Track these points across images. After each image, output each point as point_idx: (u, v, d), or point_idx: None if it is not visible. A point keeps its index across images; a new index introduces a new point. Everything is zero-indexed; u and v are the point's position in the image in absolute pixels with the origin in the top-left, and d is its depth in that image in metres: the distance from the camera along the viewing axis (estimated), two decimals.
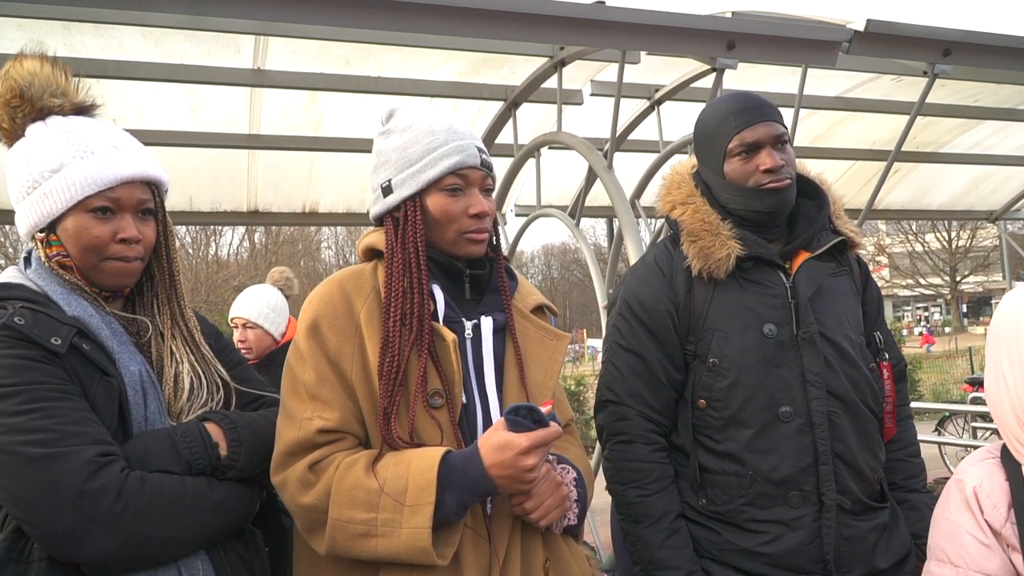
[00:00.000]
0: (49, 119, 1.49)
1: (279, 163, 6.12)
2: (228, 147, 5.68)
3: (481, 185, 1.59)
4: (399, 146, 1.60)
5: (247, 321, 3.71)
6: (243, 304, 3.78)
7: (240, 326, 3.72)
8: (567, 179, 6.83)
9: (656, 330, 1.92)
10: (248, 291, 3.91)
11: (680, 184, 1.99)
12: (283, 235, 26.82)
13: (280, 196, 6.55)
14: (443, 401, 1.49)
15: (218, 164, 5.96)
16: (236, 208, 6.53)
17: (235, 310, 3.77)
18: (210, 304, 21.82)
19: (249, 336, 3.69)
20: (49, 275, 1.46)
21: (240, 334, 3.70)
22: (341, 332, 1.50)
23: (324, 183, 6.50)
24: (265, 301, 3.80)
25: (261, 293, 3.86)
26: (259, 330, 3.71)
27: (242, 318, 3.72)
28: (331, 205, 6.81)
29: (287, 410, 1.50)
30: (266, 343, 3.71)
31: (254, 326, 3.71)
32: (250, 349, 3.67)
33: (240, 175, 6.16)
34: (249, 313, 3.73)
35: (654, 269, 1.97)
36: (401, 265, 1.53)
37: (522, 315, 1.66)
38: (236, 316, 3.74)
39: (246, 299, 3.81)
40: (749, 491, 1.83)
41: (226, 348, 1.70)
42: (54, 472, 1.25)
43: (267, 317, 3.74)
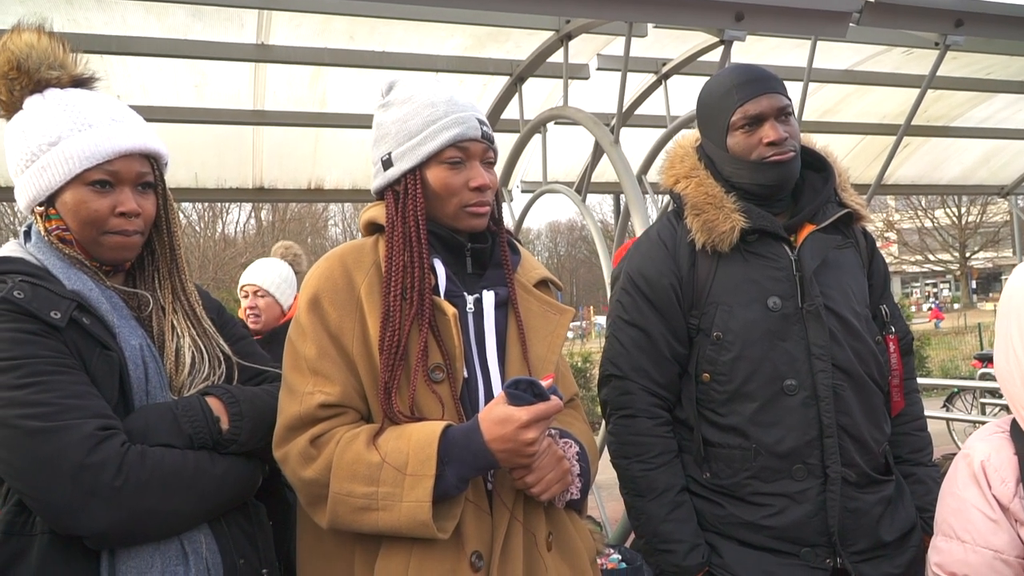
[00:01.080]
0: (47, 91, 1.48)
1: (284, 139, 6.10)
2: (233, 123, 5.66)
3: (482, 157, 1.58)
4: (399, 118, 1.58)
5: (259, 288, 3.71)
6: (255, 272, 3.77)
7: (251, 294, 3.71)
8: (573, 155, 6.78)
9: (660, 304, 1.91)
10: (260, 261, 3.91)
11: (683, 157, 1.98)
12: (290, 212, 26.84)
13: (285, 173, 6.53)
14: (444, 375, 1.48)
15: (223, 140, 5.94)
16: (242, 185, 6.52)
17: (247, 278, 3.76)
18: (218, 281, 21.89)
19: (260, 304, 3.69)
20: (49, 249, 1.46)
21: (251, 301, 3.69)
22: (342, 307, 1.49)
23: (329, 159, 6.47)
24: (277, 271, 3.80)
25: (273, 263, 3.86)
26: (270, 298, 3.71)
27: (254, 285, 3.72)
28: (337, 181, 6.79)
29: (288, 385, 1.49)
30: (275, 313, 3.71)
31: (265, 294, 3.70)
32: (259, 317, 3.67)
33: (245, 151, 6.14)
34: (261, 280, 3.73)
35: (657, 243, 1.95)
36: (402, 239, 1.52)
37: (525, 289, 1.64)
38: (248, 283, 3.73)
39: (258, 268, 3.81)
40: (753, 464, 1.82)
41: (228, 323, 1.69)
42: (54, 446, 1.26)
43: (278, 287, 3.74)
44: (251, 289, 3.73)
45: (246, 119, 5.64)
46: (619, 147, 4.64)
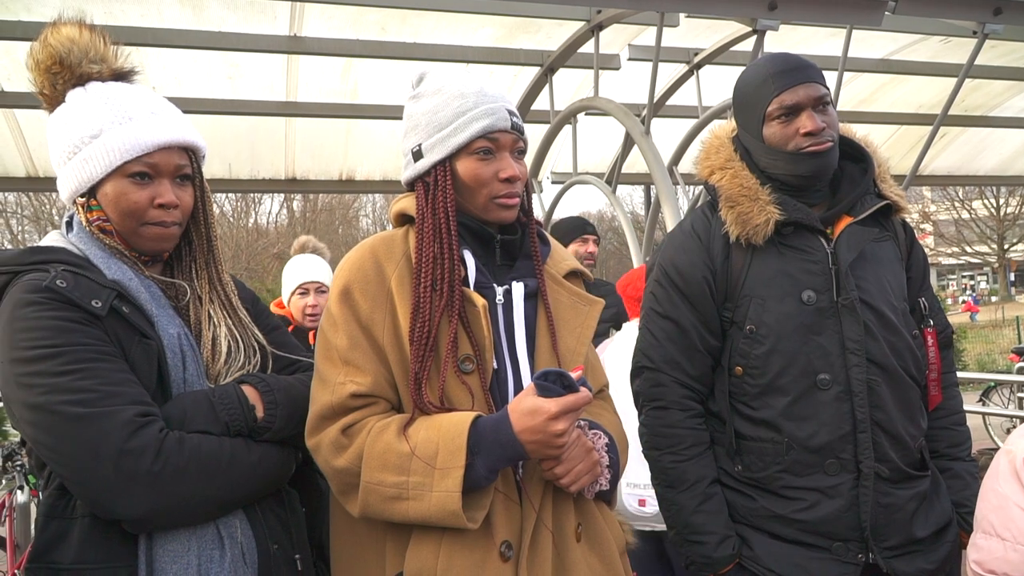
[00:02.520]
0: (88, 85, 1.50)
1: (316, 131, 6.15)
2: (266, 114, 5.71)
3: (512, 148, 1.57)
4: (429, 110, 1.58)
5: (321, 284, 3.67)
6: (311, 269, 3.72)
7: (312, 291, 3.66)
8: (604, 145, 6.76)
9: (693, 297, 1.90)
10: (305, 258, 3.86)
11: (719, 148, 1.96)
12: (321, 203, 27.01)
13: (317, 163, 6.59)
14: (474, 366, 1.49)
15: (256, 132, 6.00)
16: (274, 176, 6.58)
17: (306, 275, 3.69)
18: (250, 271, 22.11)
19: (320, 300, 3.65)
20: (90, 239, 1.49)
21: (313, 299, 3.65)
22: (372, 298, 1.50)
23: (361, 150, 6.51)
24: (324, 265, 3.79)
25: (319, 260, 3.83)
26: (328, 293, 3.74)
27: (316, 282, 3.67)
28: (368, 172, 6.83)
29: (320, 374, 1.51)
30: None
31: (326, 290, 3.67)
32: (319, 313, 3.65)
33: (278, 143, 6.20)
34: (323, 276, 3.69)
35: (691, 235, 1.94)
36: (431, 230, 1.53)
37: (554, 280, 1.64)
38: (309, 281, 3.67)
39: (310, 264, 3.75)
40: (785, 458, 1.81)
41: (262, 313, 1.72)
42: (95, 431, 1.28)
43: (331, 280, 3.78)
44: (313, 286, 3.68)
45: (279, 110, 5.70)
46: (650, 138, 4.62)
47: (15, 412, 1.34)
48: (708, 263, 1.89)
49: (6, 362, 1.33)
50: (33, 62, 1.50)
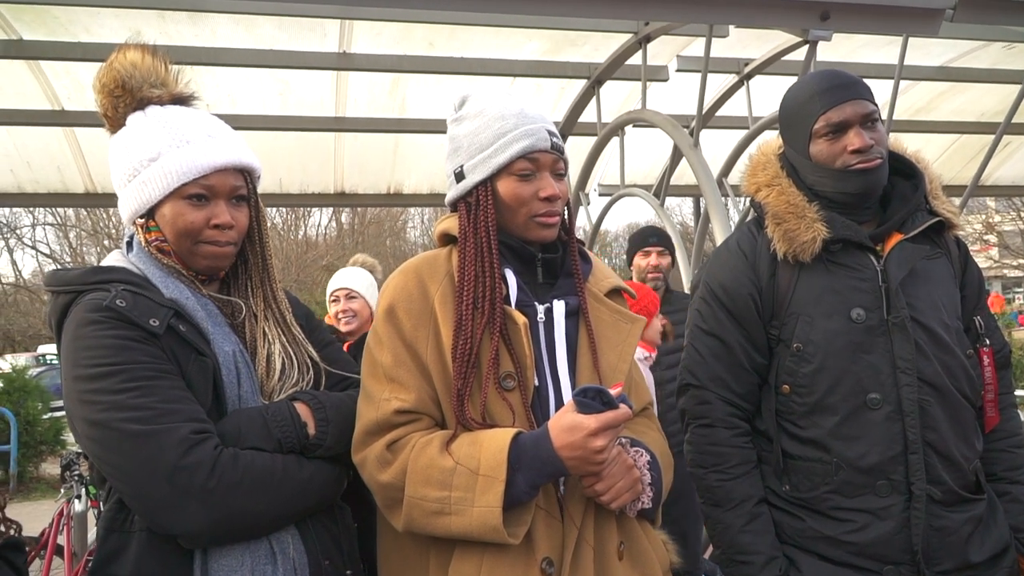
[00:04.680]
0: (148, 108, 1.58)
1: (364, 145, 6.25)
2: (315, 130, 5.83)
3: (552, 168, 1.62)
4: (470, 132, 1.63)
5: (350, 291, 3.86)
6: (344, 277, 3.94)
7: (342, 297, 3.86)
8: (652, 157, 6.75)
9: (738, 314, 1.90)
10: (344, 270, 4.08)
11: (765, 165, 1.97)
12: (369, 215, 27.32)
13: (365, 178, 6.70)
14: (515, 383, 1.52)
15: (306, 147, 6.12)
16: (324, 190, 6.71)
17: (336, 283, 3.91)
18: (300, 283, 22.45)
19: (353, 306, 3.84)
20: (149, 259, 1.55)
21: (343, 305, 3.84)
22: (416, 316, 1.55)
23: (408, 164, 6.60)
24: (365, 277, 3.97)
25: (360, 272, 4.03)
26: (362, 300, 3.86)
27: (345, 289, 3.87)
28: (415, 186, 6.92)
29: (366, 391, 1.56)
30: (367, 314, 3.85)
31: (357, 295, 3.86)
32: (354, 317, 3.82)
33: (327, 157, 6.32)
34: (352, 283, 3.88)
35: (737, 253, 1.95)
36: (474, 250, 1.58)
37: (596, 298, 1.67)
38: (339, 288, 3.88)
39: (345, 273, 3.98)
40: (834, 479, 1.80)
41: (316, 328, 1.77)
42: (152, 448, 1.34)
43: (367, 288, 3.90)
44: (342, 293, 3.87)
45: (328, 126, 5.81)
46: (698, 150, 4.61)
47: (77, 428, 1.40)
48: (754, 280, 1.90)
49: (69, 379, 1.40)
50: (99, 84, 1.58)
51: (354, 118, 5.82)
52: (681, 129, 4.76)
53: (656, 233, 4.24)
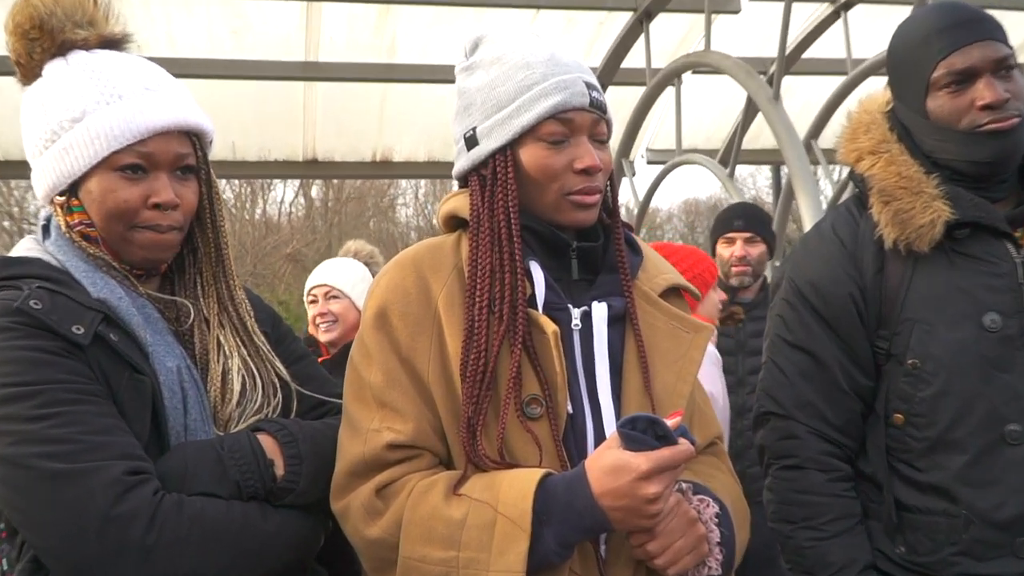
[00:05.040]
0: (72, 55, 1.58)
1: (343, 99, 6.28)
2: (279, 79, 5.86)
3: (591, 132, 1.61)
4: (486, 84, 1.64)
5: (331, 289, 3.88)
6: (326, 271, 3.97)
7: (321, 297, 3.89)
8: (717, 114, 6.75)
9: (835, 321, 1.90)
10: (330, 261, 4.13)
11: (869, 127, 1.96)
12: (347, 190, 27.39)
13: (344, 141, 6.73)
14: (542, 410, 1.52)
15: (266, 101, 6.15)
16: (290, 157, 6.74)
17: (316, 278, 3.95)
18: (256, 277, 22.55)
19: (334, 308, 3.86)
20: (70, 248, 1.56)
21: (321, 306, 3.87)
22: (415, 322, 1.55)
23: (400, 124, 6.63)
24: (352, 270, 3.99)
25: (346, 261, 4.07)
26: (346, 301, 3.88)
27: (325, 286, 3.90)
28: (409, 152, 6.95)
29: (351, 419, 1.56)
30: (353, 320, 3.87)
31: (340, 296, 3.88)
32: (334, 324, 3.85)
33: (294, 115, 6.35)
34: (335, 280, 3.91)
35: (832, 240, 1.94)
36: (489, 236, 1.57)
37: (648, 300, 1.67)
38: (317, 285, 3.92)
39: (329, 267, 4.02)
40: (963, 537, 1.80)
41: (285, 337, 1.78)
42: (76, 493, 1.34)
43: (354, 287, 3.92)
44: (321, 292, 3.90)
45: (295, 73, 5.84)
46: (780, 104, 4.60)
47: None
48: (855, 276, 1.90)
49: None
50: (12, 24, 1.58)
51: (329, 63, 5.85)
52: (757, 76, 4.75)
53: (743, 213, 4.15)
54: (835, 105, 5.41)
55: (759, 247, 4.02)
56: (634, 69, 5.83)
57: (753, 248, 4.00)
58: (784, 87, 4.76)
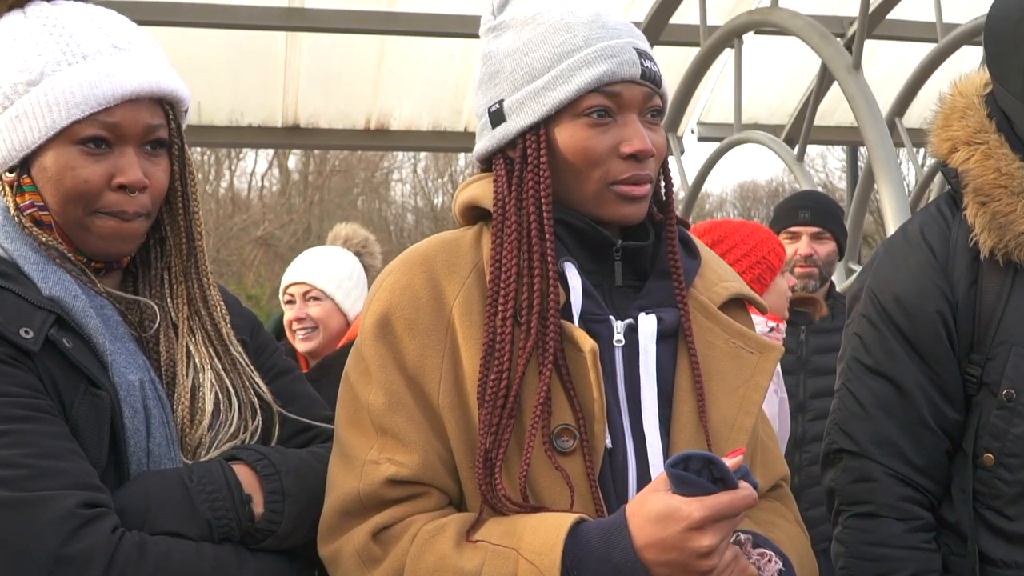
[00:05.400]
0: (30, 6, 1.59)
1: (333, 53, 6.28)
2: (256, 27, 5.85)
3: (641, 108, 1.61)
4: (517, 49, 1.64)
5: (311, 289, 3.84)
6: (306, 266, 3.91)
7: (299, 297, 3.84)
8: (784, 84, 6.74)
9: (921, 343, 1.91)
10: (313, 251, 4.07)
11: (965, 112, 1.96)
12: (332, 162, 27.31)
13: (333, 104, 6.72)
14: (575, 443, 1.52)
15: (241, 54, 6.16)
16: (266, 122, 6.74)
17: (293, 274, 3.90)
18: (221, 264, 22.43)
19: (315, 313, 3.81)
20: (19, 236, 1.57)
21: (299, 309, 3.82)
22: (424, 333, 1.56)
23: (400, 85, 6.63)
24: (339, 264, 3.94)
25: (332, 253, 4.01)
26: (329, 304, 3.84)
27: (304, 284, 3.85)
28: (409, 119, 6.95)
29: (344, 448, 1.57)
30: (337, 327, 3.85)
31: (323, 297, 3.83)
32: (314, 332, 3.81)
33: (274, 72, 6.35)
34: (316, 278, 3.86)
35: (921, 247, 1.95)
36: (516, 232, 1.58)
37: (706, 313, 1.67)
38: (298, 281, 3.86)
39: (310, 260, 3.96)
40: None
41: (265, 347, 1.79)
42: (22, 527, 1.35)
43: (342, 287, 3.88)
44: (300, 291, 3.85)
45: (276, 21, 5.83)
46: (860, 73, 4.60)
47: None
48: (945, 291, 1.91)
49: None
50: None
51: (317, 10, 5.84)
52: (833, 40, 4.74)
53: (811, 203, 4.12)
54: (924, 77, 5.40)
55: (828, 245, 4.01)
56: (685, 26, 5.83)
57: (821, 246, 3.99)
58: (865, 54, 4.77)
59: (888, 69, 5.99)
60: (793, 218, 4.03)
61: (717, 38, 5.55)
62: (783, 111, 6.81)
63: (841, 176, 25.91)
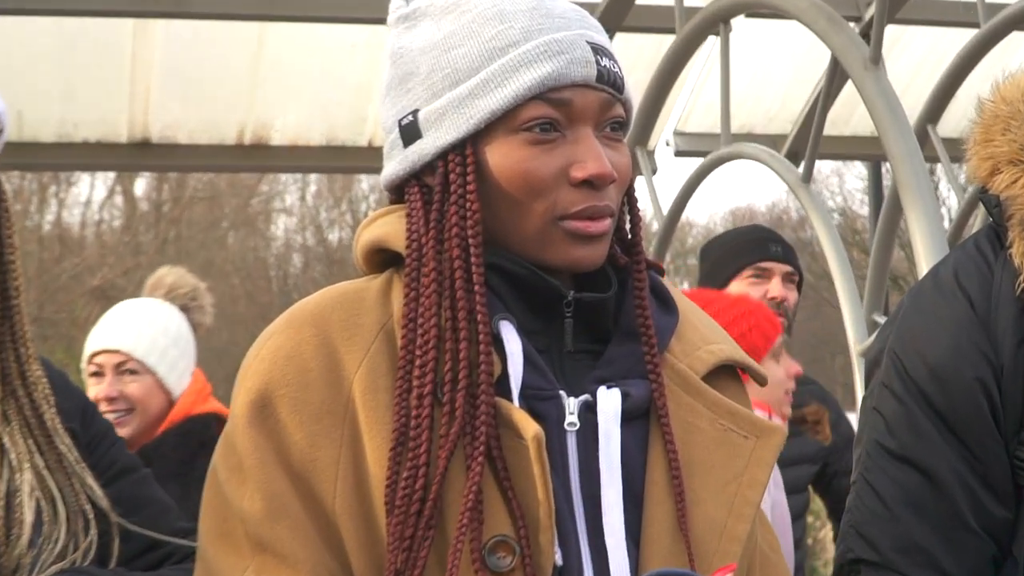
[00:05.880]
0: None
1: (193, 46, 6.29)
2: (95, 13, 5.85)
3: (598, 119, 1.63)
4: (436, 44, 1.65)
5: (127, 359, 3.84)
6: (120, 328, 3.91)
7: (109, 370, 3.84)
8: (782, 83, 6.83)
9: (958, 421, 1.95)
10: (127, 307, 4.08)
11: (1009, 123, 2.01)
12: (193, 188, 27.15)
13: (195, 113, 6.72)
14: (515, 560, 1.52)
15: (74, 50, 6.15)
16: (107, 136, 6.72)
17: (106, 338, 3.90)
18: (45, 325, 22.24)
19: (131, 391, 3.81)
20: None
21: (109, 386, 3.81)
22: (316, 417, 1.56)
23: (283, 86, 6.64)
24: (163, 328, 3.95)
25: (155, 312, 4.00)
26: (149, 379, 3.85)
27: (120, 352, 3.85)
28: (294, 132, 6.95)
29: (210, 569, 1.58)
30: (157, 407, 3.86)
31: (141, 370, 3.84)
32: (129, 416, 3.80)
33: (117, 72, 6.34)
34: (134, 345, 3.85)
35: (956, 297, 2.00)
36: (436, 282, 1.58)
37: (686, 385, 1.68)
38: (108, 349, 3.86)
39: (127, 320, 3.96)
40: None
41: (103, 440, 1.81)
42: None
43: (166, 356, 3.89)
44: (110, 361, 3.85)
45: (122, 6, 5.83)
46: (881, 69, 4.68)
47: None
48: (988, 352, 1.95)
49: None
50: None
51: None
52: (846, 26, 4.82)
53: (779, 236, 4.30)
54: (962, 73, 5.46)
55: (794, 293, 4.16)
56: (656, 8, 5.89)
57: (791, 292, 4.14)
58: (888, 43, 4.83)
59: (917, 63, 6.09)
60: (763, 251, 4.14)
61: (698, 24, 5.60)
62: (784, 117, 6.88)
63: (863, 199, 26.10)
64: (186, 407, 3.92)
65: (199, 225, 27.58)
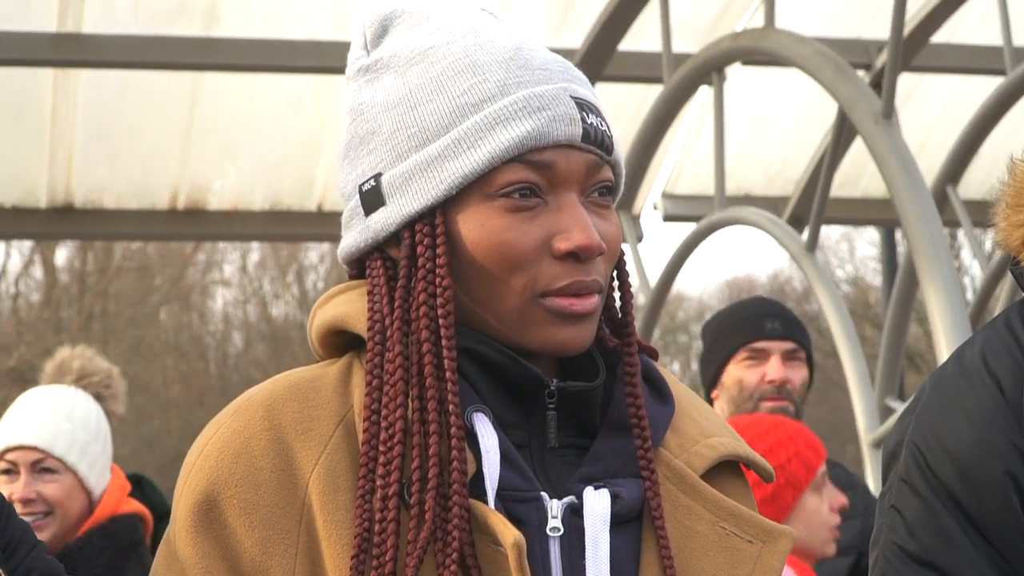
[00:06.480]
0: None
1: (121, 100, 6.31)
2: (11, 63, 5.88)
3: (585, 184, 1.62)
4: (401, 99, 1.65)
5: (44, 457, 3.82)
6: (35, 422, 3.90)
7: (22, 468, 3.82)
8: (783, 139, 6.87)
9: (986, 520, 1.95)
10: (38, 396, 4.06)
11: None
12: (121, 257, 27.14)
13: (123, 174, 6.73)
14: None
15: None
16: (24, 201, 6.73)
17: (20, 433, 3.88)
18: None
19: (49, 492, 3.79)
20: None
21: (24, 487, 3.78)
22: (268, 521, 1.55)
23: (221, 145, 6.66)
24: (82, 421, 3.96)
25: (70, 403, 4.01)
26: (69, 478, 3.85)
27: (37, 450, 3.83)
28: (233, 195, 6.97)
29: None
30: (78, 509, 3.85)
31: (60, 469, 3.83)
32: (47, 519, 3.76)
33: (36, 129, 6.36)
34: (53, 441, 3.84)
35: (982, 382, 2.00)
36: (402, 369, 1.58)
37: (682, 484, 1.68)
38: (24, 445, 3.84)
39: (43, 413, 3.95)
40: None
41: (20, 544, 1.81)
42: None
43: (87, 453, 3.90)
44: (25, 459, 3.83)
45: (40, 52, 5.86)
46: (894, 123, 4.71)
47: None
48: (1020, 444, 1.95)
49: None
50: None
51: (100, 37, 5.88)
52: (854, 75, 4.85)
53: (777, 310, 4.30)
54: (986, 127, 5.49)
55: (801, 370, 4.15)
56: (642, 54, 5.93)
57: (795, 371, 4.12)
58: (902, 94, 4.87)
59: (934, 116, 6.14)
60: (759, 330, 4.15)
61: (688, 72, 5.63)
62: (786, 178, 6.92)
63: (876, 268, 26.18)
64: (110, 507, 3.92)
65: (127, 299, 27.56)
